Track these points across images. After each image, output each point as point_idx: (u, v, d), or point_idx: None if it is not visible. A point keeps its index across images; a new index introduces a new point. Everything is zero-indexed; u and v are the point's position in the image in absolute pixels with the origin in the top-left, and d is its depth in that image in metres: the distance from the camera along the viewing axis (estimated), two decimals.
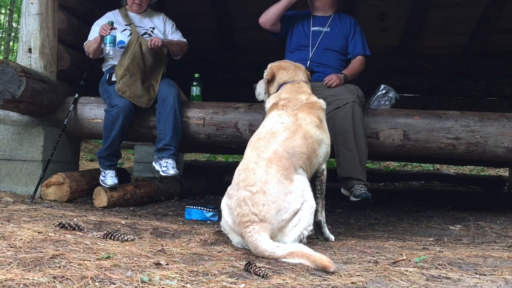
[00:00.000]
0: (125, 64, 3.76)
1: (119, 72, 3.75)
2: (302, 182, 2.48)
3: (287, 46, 3.95)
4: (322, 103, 2.91)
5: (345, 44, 3.87)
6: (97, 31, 3.83)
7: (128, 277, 1.71)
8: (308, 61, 3.74)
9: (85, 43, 3.98)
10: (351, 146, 3.29)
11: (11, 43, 15.10)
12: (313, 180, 2.79)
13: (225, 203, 2.51)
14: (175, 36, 4.13)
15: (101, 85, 3.97)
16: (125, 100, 3.68)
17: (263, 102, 3.19)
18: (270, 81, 3.07)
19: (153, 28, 4.07)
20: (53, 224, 2.62)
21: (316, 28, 3.86)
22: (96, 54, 3.92)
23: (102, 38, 3.75)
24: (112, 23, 3.74)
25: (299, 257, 2.09)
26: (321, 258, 2.00)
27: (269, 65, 3.14)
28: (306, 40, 3.83)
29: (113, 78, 3.84)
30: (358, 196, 3.13)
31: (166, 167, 3.64)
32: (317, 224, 2.80)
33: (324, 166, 2.84)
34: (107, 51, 3.77)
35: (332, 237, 2.87)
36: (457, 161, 6.33)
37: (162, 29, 4.09)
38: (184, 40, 4.14)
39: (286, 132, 2.59)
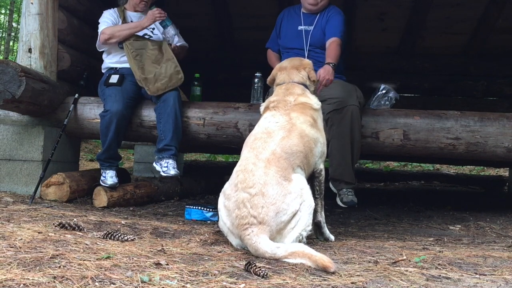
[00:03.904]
0: (136, 69, 3.77)
1: (140, 79, 3.76)
2: (300, 181, 2.47)
3: (280, 47, 3.96)
4: (313, 103, 2.82)
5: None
6: (107, 22, 3.89)
7: (128, 277, 1.71)
8: None
9: (104, 28, 3.87)
10: (346, 151, 3.38)
11: (11, 43, 15.10)
12: (312, 181, 2.79)
13: (223, 203, 2.49)
14: (179, 41, 4.13)
15: (99, 86, 3.97)
16: (118, 105, 3.67)
17: None
18: (271, 83, 3.06)
19: (153, 29, 4.06)
20: (53, 224, 2.63)
21: (304, 27, 3.85)
22: (123, 39, 3.84)
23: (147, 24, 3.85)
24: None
25: (300, 257, 2.09)
26: (322, 258, 2.00)
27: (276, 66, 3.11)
28: (299, 40, 3.82)
29: (111, 80, 3.84)
30: (345, 203, 3.38)
31: (167, 167, 3.64)
32: (316, 225, 2.80)
33: (322, 166, 2.83)
34: (169, 34, 3.94)
35: (332, 237, 2.87)
36: (457, 161, 6.32)
37: (161, 29, 4.06)
38: (186, 45, 4.17)
39: (282, 131, 2.58)
